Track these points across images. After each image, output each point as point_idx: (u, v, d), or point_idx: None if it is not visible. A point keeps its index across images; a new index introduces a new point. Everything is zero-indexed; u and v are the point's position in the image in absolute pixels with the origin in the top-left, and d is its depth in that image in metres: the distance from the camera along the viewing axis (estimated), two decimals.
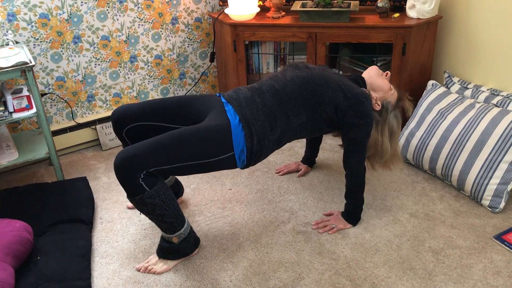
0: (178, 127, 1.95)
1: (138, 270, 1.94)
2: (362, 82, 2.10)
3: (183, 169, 1.80)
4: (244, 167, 1.89)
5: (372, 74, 2.12)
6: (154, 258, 1.97)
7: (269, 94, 1.91)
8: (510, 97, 2.31)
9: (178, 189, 2.31)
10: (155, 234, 2.14)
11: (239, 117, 1.84)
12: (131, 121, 1.95)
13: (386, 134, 2.08)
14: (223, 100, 1.94)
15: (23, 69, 2.18)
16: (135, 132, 1.97)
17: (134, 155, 1.71)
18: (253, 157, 1.87)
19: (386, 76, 2.13)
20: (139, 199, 1.74)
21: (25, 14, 2.49)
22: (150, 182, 1.74)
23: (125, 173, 1.71)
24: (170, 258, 1.94)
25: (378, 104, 2.05)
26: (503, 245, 1.99)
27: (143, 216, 2.27)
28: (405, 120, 2.70)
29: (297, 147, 2.82)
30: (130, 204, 2.33)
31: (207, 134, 1.80)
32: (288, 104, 1.90)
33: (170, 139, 1.77)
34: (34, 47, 2.58)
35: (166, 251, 1.92)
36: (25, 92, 2.33)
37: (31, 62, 2.19)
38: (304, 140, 2.86)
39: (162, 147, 1.74)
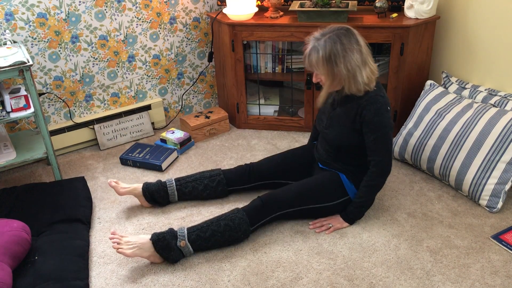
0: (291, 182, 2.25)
1: (111, 234, 1.93)
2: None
3: (306, 213, 2.14)
4: None
5: (335, 85, 2.01)
6: (131, 238, 1.94)
7: (333, 155, 2.16)
8: (508, 97, 2.32)
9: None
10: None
11: (341, 173, 2.14)
12: (265, 179, 2.32)
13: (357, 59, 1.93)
14: (320, 166, 2.24)
15: (21, 69, 2.17)
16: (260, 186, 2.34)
17: (279, 200, 2.09)
18: None
19: (320, 81, 2.03)
20: (245, 222, 2.01)
21: (23, 13, 2.49)
22: (262, 225, 2.09)
23: (267, 209, 2.06)
24: (156, 247, 1.91)
25: (337, 82, 1.97)
26: (501, 245, 1.99)
27: (140, 216, 2.26)
28: (400, 122, 2.70)
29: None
30: (112, 183, 2.25)
31: (325, 182, 2.13)
32: (349, 156, 2.11)
33: (301, 186, 2.13)
34: (32, 47, 2.58)
35: (162, 240, 1.91)
36: (22, 92, 2.33)
37: (28, 62, 2.19)
38: (303, 141, 2.86)
39: (296, 192, 2.11)
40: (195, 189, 2.29)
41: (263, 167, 2.32)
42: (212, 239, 1.97)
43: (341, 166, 2.13)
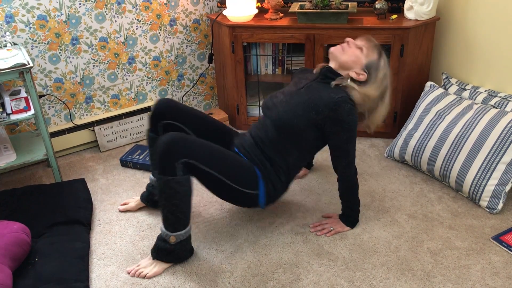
0: None
1: (128, 273, 1.94)
2: (332, 73, 2.00)
3: (212, 179, 1.89)
4: (263, 207, 2.05)
5: (335, 57, 2.01)
6: (145, 261, 1.96)
7: (263, 144, 2.02)
8: (508, 98, 2.32)
9: None
10: (153, 235, 2.13)
11: (257, 168, 2.00)
12: (175, 117, 2.07)
13: (383, 92, 1.99)
14: (236, 150, 2.06)
15: (21, 71, 2.17)
16: (169, 128, 2.07)
17: (185, 140, 1.82)
18: (271, 201, 2.05)
19: (348, 44, 2.01)
20: (167, 180, 1.79)
21: (23, 15, 2.49)
22: (184, 171, 1.81)
23: (170, 151, 1.79)
24: (163, 259, 1.93)
25: (362, 74, 1.95)
26: (501, 246, 1.99)
27: (141, 217, 2.26)
28: (400, 123, 2.70)
29: None
30: (121, 207, 2.32)
31: (243, 166, 1.96)
32: (276, 148, 2.00)
33: (216, 147, 1.92)
34: (32, 49, 2.58)
35: (160, 251, 1.92)
36: (23, 94, 2.33)
37: (29, 64, 2.19)
38: None
39: (209, 148, 1.88)
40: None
41: (181, 105, 2.12)
42: (178, 213, 1.85)
43: (261, 160, 2.00)
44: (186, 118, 2.09)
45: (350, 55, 1.98)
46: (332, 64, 2.03)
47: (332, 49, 2.02)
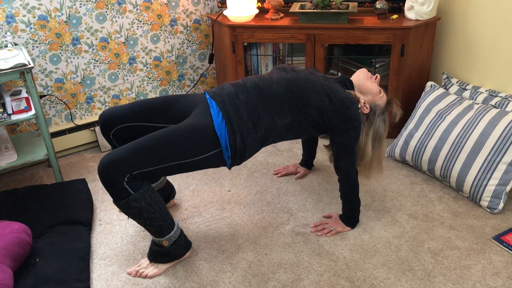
0: (165, 126, 1.93)
1: (129, 274, 1.94)
2: (350, 85, 2.08)
3: (168, 170, 1.78)
4: (229, 166, 1.88)
5: (361, 77, 2.11)
6: (145, 261, 1.96)
7: (253, 91, 1.90)
8: (509, 98, 2.32)
9: (170, 192, 2.29)
10: None
11: (221, 114, 1.82)
12: (117, 123, 1.94)
13: (370, 136, 2.06)
14: (207, 96, 1.91)
15: (22, 71, 2.18)
16: (122, 133, 1.96)
17: (116, 159, 1.69)
18: (237, 155, 1.85)
19: (375, 79, 2.12)
20: (125, 203, 1.72)
21: (24, 16, 2.49)
22: (135, 185, 1.72)
23: (109, 177, 1.69)
24: (161, 261, 1.93)
25: (367, 107, 2.03)
26: (502, 246, 1.99)
27: None
28: (401, 123, 2.70)
29: (296, 149, 2.82)
30: None
31: (190, 132, 1.78)
32: (272, 104, 1.89)
33: (152, 140, 1.74)
34: (32, 49, 2.58)
35: (157, 254, 1.92)
36: (23, 94, 2.33)
37: (29, 64, 2.19)
38: None
39: (144, 148, 1.73)
40: None
41: (121, 110, 1.97)
42: (155, 223, 1.80)
43: (237, 108, 1.84)
44: (131, 115, 1.94)
45: (375, 86, 2.09)
46: (353, 79, 2.12)
47: (364, 70, 2.15)
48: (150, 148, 1.73)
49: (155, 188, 2.17)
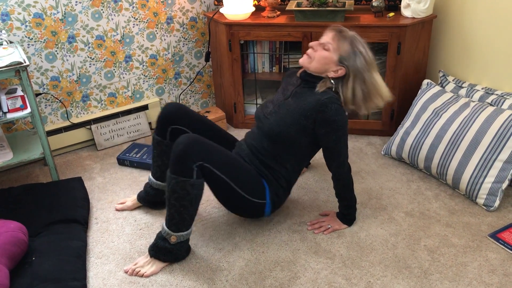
0: None
1: (126, 272, 1.93)
2: (311, 77, 1.99)
3: (223, 186, 1.91)
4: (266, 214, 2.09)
5: (306, 68, 1.99)
6: (142, 259, 1.95)
7: (260, 153, 2.03)
8: (505, 96, 2.32)
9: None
10: (150, 234, 2.13)
11: (261, 177, 2.02)
12: (183, 123, 2.10)
13: (358, 83, 1.94)
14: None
15: (17, 69, 2.17)
16: (175, 134, 2.10)
17: (204, 143, 1.84)
18: (275, 208, 2.10)
19: (313, 50, 1.96)
20: (182, 181, 1.79)
21: (19, 13, 2.48)
22: (198, 174, 1.82)
23: (186, 152, 1.79)
24: (161, 258, 1.93)
25: (340, 69, 1.92)
26: (498, 243, 1.99)
27: (138, 216, 2.26)
28: (397, 121, 2.70)
29: None
30: (118, 206, 2.32)
31: (253, 175, 1.98)
32: (273, 157, 2.01)
33: (233, 155, 1.97)
34: (28, 47, 2.57)
35: (159, 250, 1.91)
36: (19, 92, 2.32)
37: (25, 62, 2.18)
38: None
39: (226, 155, 1.91)
40: (160, 166, 2.17)
41: (189, 110, 2.14)
42: (185, 215, 1.86)
43: (261, 169, 2.02)
44: (195, 125, 2.12)
45: (318, 60, 1.94)
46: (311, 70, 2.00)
47: (300, 61, 2.00)
48: (228, 158, 1.92)
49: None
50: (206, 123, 2.17)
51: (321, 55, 1.93)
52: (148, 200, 2.26)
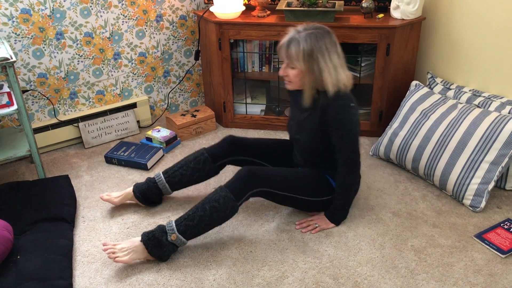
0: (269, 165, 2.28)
1: (104, 246, 1.93)
2: (324, 93, 1.99)
3: (286, 199, 2.09)
4: None
5: (294, 88, 2.03)
6: (123, 244, 1.93)
7: (308, 162, 2.18)
8: (492, 98, 2.35)
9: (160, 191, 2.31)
10: (138, 233, 2.12)
11: (326, 174, 2.14)
12: (240, 154, 2.25)
13: (326, 63, 1.92)
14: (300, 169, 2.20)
15: (4, 65, 2.14)
16: (235, 162, 2.29)
17: (262, 172, 2.02)
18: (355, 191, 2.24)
19: (286, 76, 2.00)
20: (230, 199, 1.93)
21: (6, 9, 2.45)
22: (246, 199, 1.99)
23: (251, 179, 1.97)
24: (149, 248, 1.90)
25: (313, 73, 1.93)
26: (484, 244, 2.01)
27: (125, 215, 2.24)
28: (385, 122, 2.72)
29: None
30: (105, 196, 2.26)
31: (314, 178, 2.11)
32: (322, 158, 2.11)
33: (290, 171, 2.11)
34: (15, 43, 2.54)
35: (153, 239, 1.90)
36: (5, 89, 2.30)
37: (12, 58, 2.16)
38: None
39: (282, 175, 2.06)
40: (184, 175, 2.23)
41: (247, 140, 2.30)
42: (202, 225, 1.93)
43: (321, 169, 2.13)
44: (251, 152, 2.26)
45: (295, 81, 1.99)
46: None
47: (288, 88, 2.05)
48: (285, 176, 2.06)
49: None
50: (260, 144, 2.30)
51: (293, 74, 1.98)
52: (145, 194, 2.24)
